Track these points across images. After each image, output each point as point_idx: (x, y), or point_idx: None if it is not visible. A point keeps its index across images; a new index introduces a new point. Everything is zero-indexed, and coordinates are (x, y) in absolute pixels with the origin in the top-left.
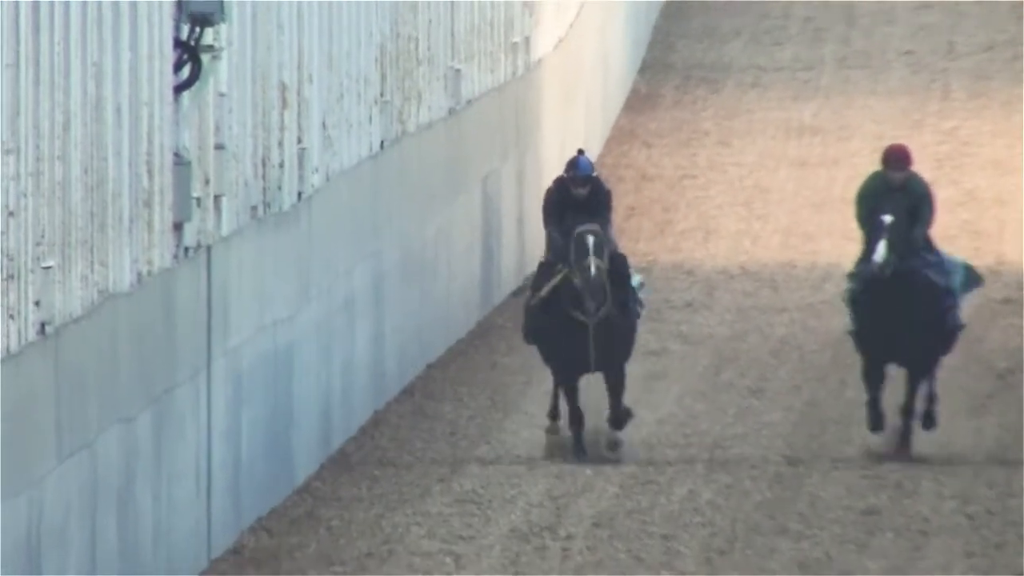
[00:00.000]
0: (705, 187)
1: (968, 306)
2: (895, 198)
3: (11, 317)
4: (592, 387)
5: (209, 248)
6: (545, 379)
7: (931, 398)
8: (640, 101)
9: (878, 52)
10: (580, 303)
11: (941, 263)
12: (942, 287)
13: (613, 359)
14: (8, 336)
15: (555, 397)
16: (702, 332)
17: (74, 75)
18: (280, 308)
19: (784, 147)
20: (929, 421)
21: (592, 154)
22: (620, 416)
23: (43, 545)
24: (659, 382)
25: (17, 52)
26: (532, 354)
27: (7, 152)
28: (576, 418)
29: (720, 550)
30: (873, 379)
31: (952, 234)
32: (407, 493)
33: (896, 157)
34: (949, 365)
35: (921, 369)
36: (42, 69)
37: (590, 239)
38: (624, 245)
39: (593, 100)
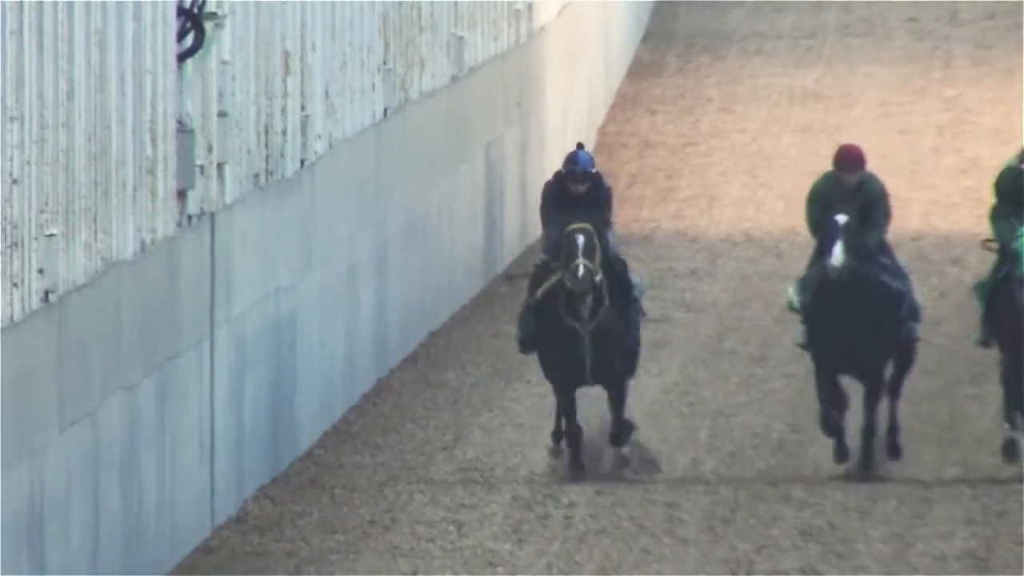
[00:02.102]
0: (708, 154)
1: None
2: (848, 200)
3: (15, 285)
4: (594, 402)
5: (212, 216)
6: None
7: (895, 429)
8: (643, 68)
9: (880, 19)
10: (574, 308)
11: (898, 268)
12: (897, 291)
13: (612, 371)
14: (12, 304)
15: (559, 417)
16: (705, 300)
17: (78, 43)
18: (283, 276)
19: (787, 114)
20: (895, 452)
21: (595, 121)
22: (622, 432)
23: (45, 513)
24: (662, 350)
25: (21, 20)
26: None
27: (11, 120)
28: (574, 434)
29: (723, 518)
30: (829, 396)
31: (955, 201)
32: (410, 461)
33: (849, 159)
34: (951, 333)
35: (877, 382)
36: (46, 37)
37: (580, 239)
38: (627, 212)
39: (596, 67)
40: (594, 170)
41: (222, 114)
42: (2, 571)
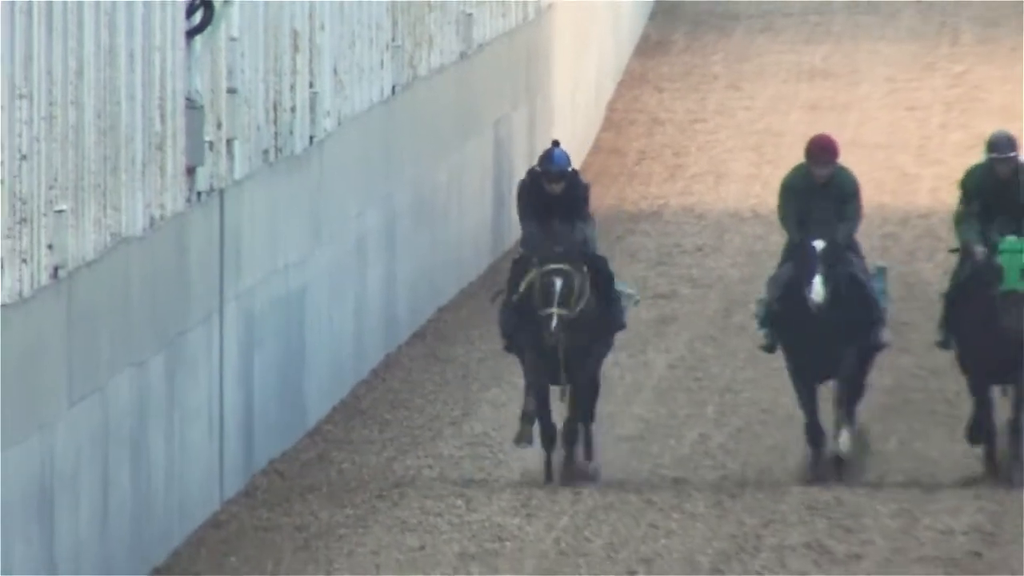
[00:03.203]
0: (715, 131)
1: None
2: (821, 195)
3: (24, 261)
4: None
5: (221, 192)
6: None
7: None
8: (651, 46)
9: None
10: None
11: (865, 267)
12: (868, 286)
13: (585, 369)
14: (21, 280)
15: (525, 419)
16: (712, 275)
17: (87, 21)
18: (292, 251)
19: (794, 91)
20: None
21: (603, 98)
22: (589, 441)
23: (55, 488)
24: (669, 326)
25: None
26: None
27: (21, 97)
28: (550, 437)
29: (731, 493)
30: (806, 399)
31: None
32: (418, 436)
33: (821, 150)
34: None
35: (851, 379)
36: (55, 15)
37: (557, 283)
38: (636, 189)
39: (604, 44)
40: (570, 168)
41: (231, 91)
42: (13, 544)
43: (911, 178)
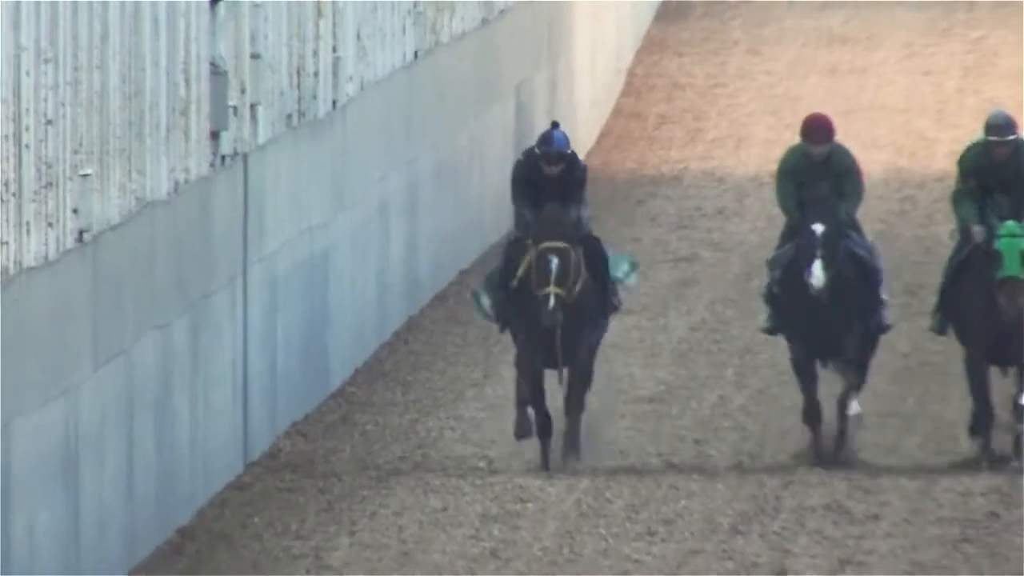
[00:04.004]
0: (735, 95)
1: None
2: (819, 174)
3: (49, 225)
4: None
5: (245, 156)
6: None
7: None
8: (671, 11)
9: None
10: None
11: (869, 246)
12: (872, 267)
13: (581, 352)
14: (47, 243)
15: (520, 407)
16: (733, 239)
17: None
18: (315, 215)
19: (813, 55)
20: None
21: (623, 64)
22: (574, 445)
23: (80, 450)
24: (690, 289)
25: None
26: None
27: (46, 61)
28: (545, 425)
29: (751, 454)
30: (806, 374)
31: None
32: (440, 398)
33: (816, 129)
34: None
35: (856, 357)
36: None
37: (553, 262)
38: (656, 153)
39: (624, 9)
40: (569, 150)
41: (255, 56)
42: (38, 507)
43: (929, 142)
